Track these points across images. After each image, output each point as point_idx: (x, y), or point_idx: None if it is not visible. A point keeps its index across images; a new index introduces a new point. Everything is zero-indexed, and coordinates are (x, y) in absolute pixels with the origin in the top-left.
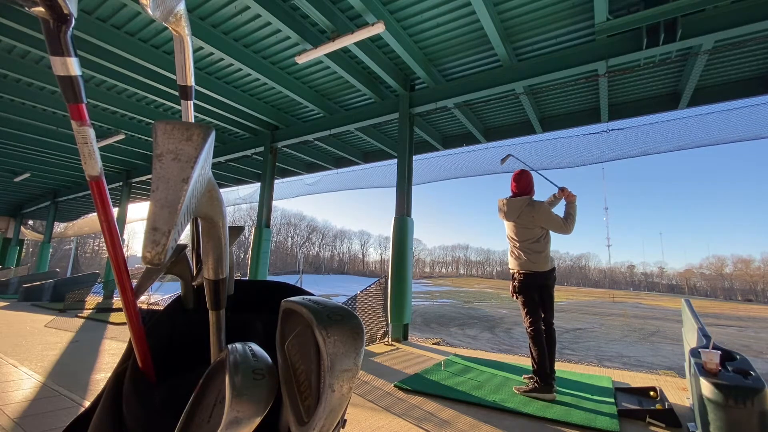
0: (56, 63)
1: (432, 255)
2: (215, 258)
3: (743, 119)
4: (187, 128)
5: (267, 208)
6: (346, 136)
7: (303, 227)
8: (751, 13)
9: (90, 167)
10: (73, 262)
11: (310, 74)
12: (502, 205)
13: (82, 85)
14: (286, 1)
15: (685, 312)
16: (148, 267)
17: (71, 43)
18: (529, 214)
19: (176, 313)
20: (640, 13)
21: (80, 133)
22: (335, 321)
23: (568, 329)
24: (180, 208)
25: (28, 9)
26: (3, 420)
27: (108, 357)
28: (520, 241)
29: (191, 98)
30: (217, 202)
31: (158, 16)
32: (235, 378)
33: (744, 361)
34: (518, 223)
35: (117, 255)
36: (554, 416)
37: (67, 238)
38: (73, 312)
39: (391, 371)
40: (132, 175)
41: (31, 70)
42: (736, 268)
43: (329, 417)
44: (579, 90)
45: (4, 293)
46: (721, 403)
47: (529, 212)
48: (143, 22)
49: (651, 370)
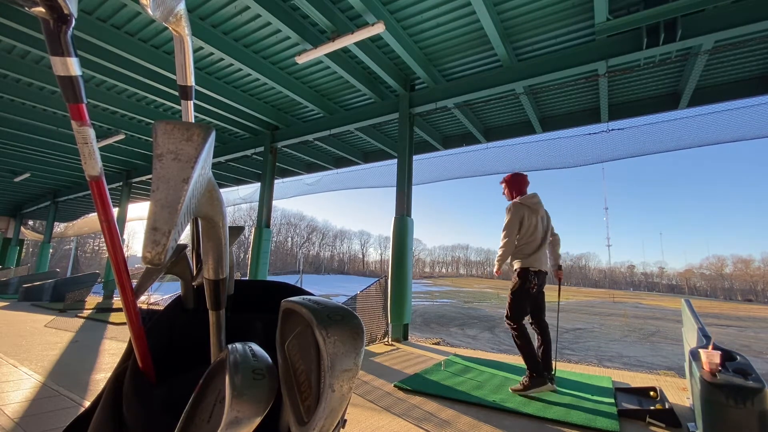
0: (56, 63)
1: (432, 255)
2: (215, 258)
3: (743, 119)
4: (187, 128)
5: (267, 208)
6: (346, 136)
7: (303, 227)
8: (751, 13)
9: (90, 167)
10: (73, 262)
11: (310, 74)
12: (537, 198)
13: (82, 85)
14: (286, 1)
15: (685, 312)
16: (148, 267)
17: (71, 43)
18: (545, 214)
19: (176, 313)
20: (640, 13)
21: (80, 133)
22: (335, 321)
23: (568, 329)
24: (180, 208)
25: (28, 9)
26: (3, 420)
27: (108, 357)
28: (547, 237)
29: (191, 98)
30: (217, 202)
31: (158, 16)
32: (235, 378)
33: (744, 361)
34: (543, 218)
35: (117, 255)
36: (554, 416)
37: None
38: (73, 312)
39: (391, 371)
40: (132, 175)
41: (31, 70)
42: (736, 268)
43: (329, 417)
44: (579, 90)
45: (4, 293)
46: (721, 403)
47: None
48: (143, 22)
49: (651, 370)
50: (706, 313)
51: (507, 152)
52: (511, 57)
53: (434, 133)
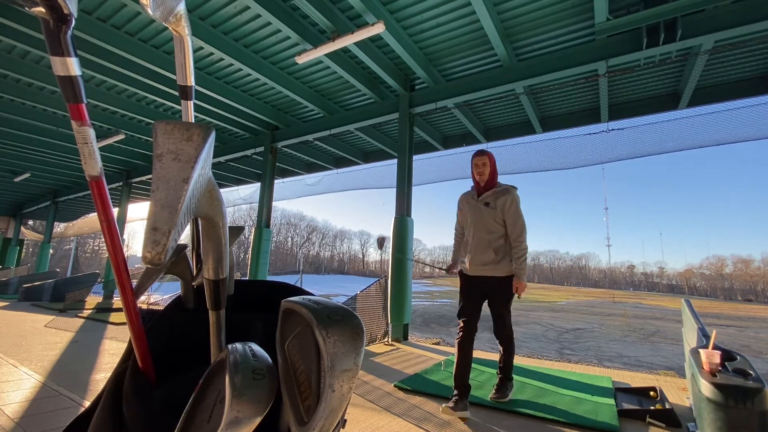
0: (56, 63)
1: (432, 255)
2: (215, 258)
3: (743, 119)
4: (187, 128)
5: (267, 208)
6: (346, 136)
7: (303, 227)
8: (751, 13)
9: (90, 167)
10: (73, 262)
11: (310, 74)
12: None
13: (82, 85)
14: (286, 1)
15: (685, 312)
16: (148, 267)
17: (71, 43)
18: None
19: (176, 313)
20: (640, 13)
21: (80, 133)
22: (335, 321)
23: (568, 329)
24: (180, 208)
25: (28, 9)
26: (3, 420)
27: (108, 357)
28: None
29: (191, 98)
30: (217, 202)
31: (158, 16)
32: (235, 378)
33: (744, 361)
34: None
35: (117, 255)
36: (554, 416)
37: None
38: (73, 312)
39: (391, 371)
40: (132, 175)
41: (31, 70)
42: (736, 268)
43: (329, 417)
44: (579, 90)
45: (4, 293)
46: (721, 403)
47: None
48: (143, 22)
49: (651, 370)
50: (706, 313)
51: (507, 152)
52: (511, 57)
53: (434, 133)
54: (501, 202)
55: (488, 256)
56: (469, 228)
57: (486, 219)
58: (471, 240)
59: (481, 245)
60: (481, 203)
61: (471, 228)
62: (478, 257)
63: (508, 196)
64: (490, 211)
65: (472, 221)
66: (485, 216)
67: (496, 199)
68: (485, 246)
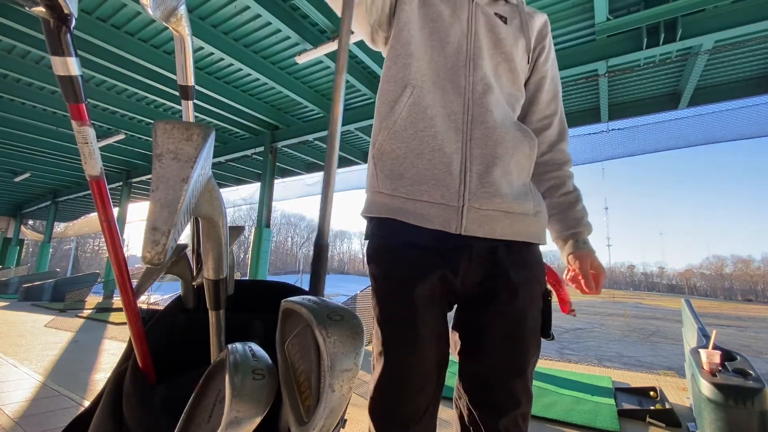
0: (56, 63)
1: None
2: (215, 258)
3: (743, 119)
4: (187, 128)
5: (267, 208)
6: (346, 136)
7: (303, 227)
8: (751, 13)
9: (90, 167)
10: (73, 262)
11: (310, 74)
12: None
13: (82, 85)
14: (286, 1)
15: (685, 312)
16: (148, 267)
17: (71, 43)
18: None
19: (176, 313)
20: (640, 13)
21: (80, 133)
22: (335, 321)
23: (568, 329)
24: (180, 207)
25: (28, 9)
26: (3, 420)
27: (108, 357)
28: None
29: (191, 98)
30: (217, 202)
31: (158, 16)
32: (235, 378)
33: (744, 361)
34: None
35: (117, 255)
36: (554, 416)
37: (67, 238)
38: (73, 312)
39: None
40: (132, 175)
41: (31, 70)
42: (736, 268)
43: (329, 417)
44: (579, 90)
45: (4, 293)
46: (721, 403)
47: None
48: (143, 22)
49: (651, 370)
50: (706, 313)
51: None
52: None
53: None
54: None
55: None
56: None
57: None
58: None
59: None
60: None
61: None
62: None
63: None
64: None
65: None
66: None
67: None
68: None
